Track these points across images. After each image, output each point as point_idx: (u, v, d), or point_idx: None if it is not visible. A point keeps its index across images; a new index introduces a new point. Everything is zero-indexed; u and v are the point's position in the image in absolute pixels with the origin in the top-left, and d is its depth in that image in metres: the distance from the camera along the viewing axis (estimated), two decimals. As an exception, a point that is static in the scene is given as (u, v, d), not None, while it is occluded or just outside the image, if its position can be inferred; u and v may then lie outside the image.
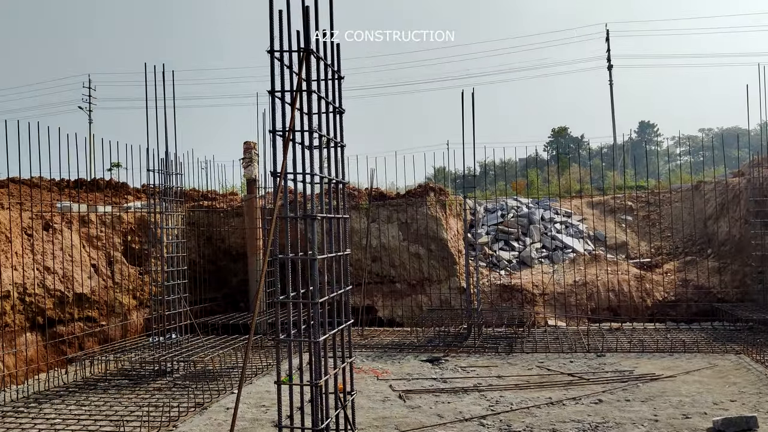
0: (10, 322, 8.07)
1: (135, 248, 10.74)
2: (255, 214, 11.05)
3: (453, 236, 12.02)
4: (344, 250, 3.30)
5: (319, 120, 3.09)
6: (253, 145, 10.99)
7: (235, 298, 12.30)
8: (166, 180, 8.76)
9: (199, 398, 6.93)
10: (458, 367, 8.26)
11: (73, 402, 7.05)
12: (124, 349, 8.85)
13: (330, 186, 3.12)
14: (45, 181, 11.47)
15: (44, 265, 8.80)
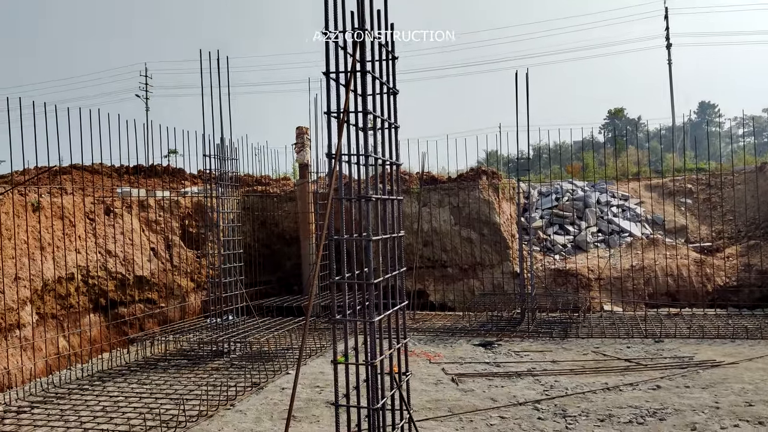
0: (75, 304, 8.37)
1: (192, 232, 10.98)
2: (307, 198, 11.15)
3: (506, 220, 11.89)
4: (398, 232, 3.29)
5: (374, 101, 3.08)
6: (305, 130, 11.07)
7: (288, 281, 12.48)
8: (221, 165, 8.92)
9: (255, 378, 7.07)
10: (511, 351, 8.20)
11: (134, 380, 7.29)
12: (183, 330, 9.09)
13: (384, 167, 3.11)
14: (105, 167, 11.82)
15: (106, 249, 9.09)
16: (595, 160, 18.89)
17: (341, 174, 2.80)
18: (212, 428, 5.54)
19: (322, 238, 2.58)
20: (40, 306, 7.83)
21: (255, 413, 5.93)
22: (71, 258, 8.36)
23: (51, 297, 8.00)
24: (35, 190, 8.06)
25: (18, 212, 7.60)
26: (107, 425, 5.67)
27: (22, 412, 6.22)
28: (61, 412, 6.16)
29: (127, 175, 12.14)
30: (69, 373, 7.65)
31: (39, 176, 8.10)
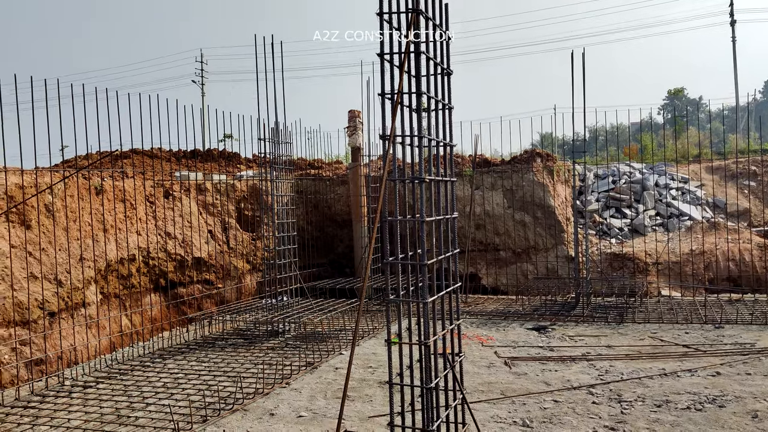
0: (136, 284, 8.66)
1: (247, 215, 11.19)
2: (359, 181, 11.21)
3: (560, 203, 11.71)
4: (451, 214, 3.29)
5: (428, 82, 3.07)
6: (358, 114, 11.11)
7: (341, 264, 12.61)
8: (276, 149, 9.04)
9: (310, 358, 7.19)
10: (565, 336, 8.11)
11: (193, 358, 7.52)
12: (239, 310, 9.31)
13: (438, 148, 3.11)
14: (163, 151, 12.13)
15: (165, 231, 9.36)
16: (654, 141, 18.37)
17: (395, 156, 2.81)
18: (268, 405, 5.67)
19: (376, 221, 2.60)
20: (104, 286, 8.13)
21: (309, 391, 6.05)
22: (132, 240, 8.64)
23: (114, 277, 8.29)
24: (98, 174, 8.34)
25: (82, 195, 7.89)
26: (168, 401, 5.87)
27: (89, 387, 6.50)
28: (124, 388, 6.41)
29: (184, 159, 12.44)
30: (131, 351, 7.94)
31: (102, 161, 8.38)
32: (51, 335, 7.11)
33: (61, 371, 6.97)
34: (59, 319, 7.31)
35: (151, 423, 5.29)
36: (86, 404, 5.91)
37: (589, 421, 5.09)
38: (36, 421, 5.49)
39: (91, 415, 5.58)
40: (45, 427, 5.32)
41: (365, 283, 2.66)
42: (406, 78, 2.87)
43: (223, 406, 5.59)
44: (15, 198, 7.03)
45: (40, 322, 7.01)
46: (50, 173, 7.63)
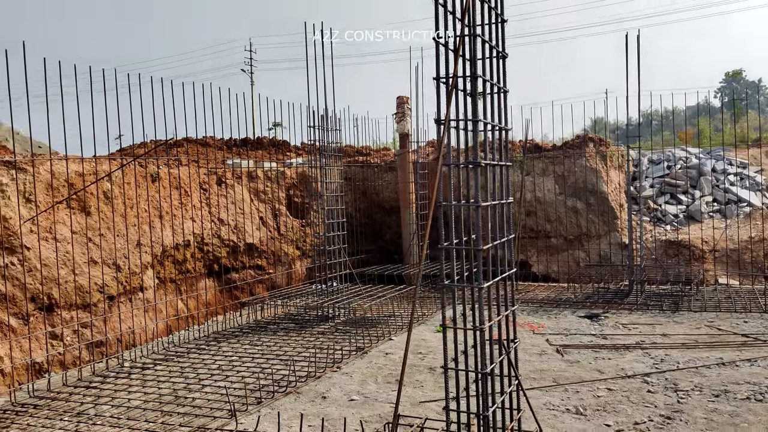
0: (191, 269, 8.86)
1: (297, 202, 11.31)
2: (407, 168, 11.19)
3: (613, 189, 11.47)
4: (506, 199, 3.26)
5: (483, 65, 3.04)
6: (406, 100, 11.07)
7: (389, 250, 12.65)
8: (325, 136, 9.10)
9: (360, 343, 7.26)
10: (619, 324, 7.97)
11: (246, 342, 7.67)
12: (290, 295, 9.44)
13: (494, 132, 3.08)
14: (215, 140, 12.34)
15: (218, 217, 9.54)
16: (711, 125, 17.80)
17: (449, 140, 2.80)
18: (320, 389, 5.75)
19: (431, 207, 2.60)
20: (160, 271, 8.34)
21: (360, 376, 6.11)
22: (187, 226, 8.84)
23: (169, 262, 8.50)
24: (154, 162, 8.55)
25: (139, 183, 8.10)
26: (223, 383, 6.01)
27: (147, 368, 6.70)
28: (181, 369, 6.58)
29: (235, 148, 12.63)
30: (187, 334, 8.14)
31: (157, 149, 8.58)
32: (110, 318, 7.35)
33: (120, 353, 7.20)
34: (118, 303, 7.54)
35: (207, 404, 5.42)
36: (145, 385, 6.09)
37: (644, 409, 5.01)
38: (98, 400, 5.69)
39: (150, 395, 5.75)
40: (106, 406, 5.51)
41: (420, 269, 2.66)
42: (460, 61, 2.84)
43: (276, 389, 5.70)
44: (75, 185, 7.26)
45: (100, 305, 7.25)
46: (108, 161, 7.85)
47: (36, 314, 6.58)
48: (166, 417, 5.16)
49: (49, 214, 6.84)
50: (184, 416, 5.16)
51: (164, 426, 4.94)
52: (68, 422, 5.14)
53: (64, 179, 7.16)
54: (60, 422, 5.15)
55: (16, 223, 6.49)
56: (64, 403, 5.65)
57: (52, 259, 6.77)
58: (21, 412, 5.47)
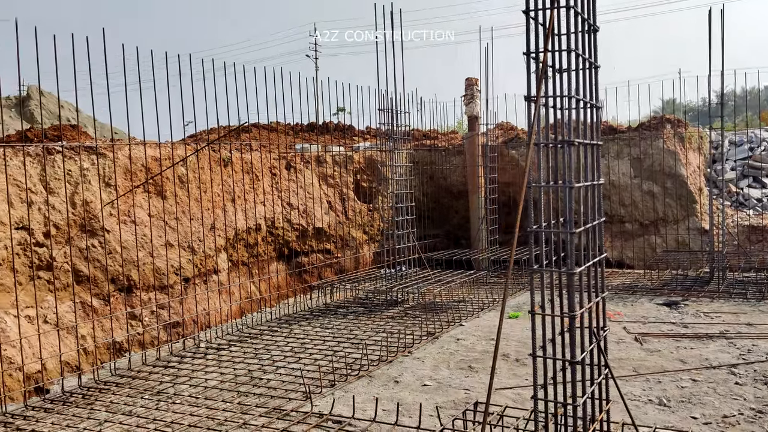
0: (261, 252, 8.98)
1: (364, 186, 11.31)
2: (476, 151, 11.01)
3: (692, 172, 10.99)
4: (597, 180, 3.11)
5: (569, 40, 2.89)
6: (475, 81, 10.87)
7: (456, 235, 12.52)
8: (393, 120, 9.02)
9: (430, 328, 7.19)
10: (700, 312, 7.64)
11: (317, 325, 7.72)
12: (358, 279, 9.46)
13: (585, 110, 2.93)
14: (282, 125, 12.45)
15: (288, 202, 9.62)
16: (797, 105, 16.83)
17: (539, 118, 2.68)
18: (392, 373, 5.72)
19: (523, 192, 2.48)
20: (232, 254, 8.48)
21: (432, 361, 6.05)
22: (258, 210, 8.95)
23: (241, 246, 8.63)
24: (225, 147, 8.66)
25: (211, 167, 8.22)
26: (296, 364, 6.05)
27: (222, 349, 6.83)
28: (254, 351, 6.68)
29: (302, 132, 12.71)
30: (259, 316, 8.26)
31: (230, 134, 8.69)
32: (186, 300, 7.52)
33: (196, 334, 7.36)
34: (193, 285, 7.70)
35: (282, 385, 5.47)
36: (221, 365, 6.20)
37: (732, 402, 4.77)
38: (176, 380, 5.82)
39: (226, 376, 5.85)
40: (185, 386, 5.64)
41: (512, 253, 2.56)
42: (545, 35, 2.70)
43: (349, 372, 5.70)
44: (152, 170, 7.43)
45: (176, 287, 7.42)
46: (184, 146, 8.00)
47: (116, 295, 6.78)
48: (243, 398, 5.23)
49: (127, 198, 7.02)
50: (260, 397, 5.22)
51: (241, 406, 5.00)
52: (149, 401, 5.27)
53: (141, 164, 7.33)
54: (141, 401, 5.29)
55: (97, 206, 6.69)
56: (144, 382, 5.80)
57: (130, 242, 6.96)
58: (104, 389, 5.65)
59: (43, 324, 6.01)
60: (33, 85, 34.62)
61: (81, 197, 6.56)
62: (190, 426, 4.64)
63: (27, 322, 5.88)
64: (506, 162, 11.81)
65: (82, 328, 6.35)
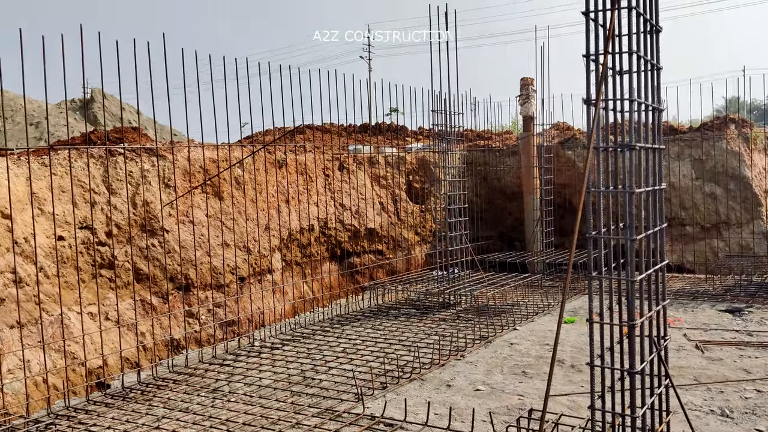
0: (314, 253, 9.06)
1: (417, 187, 11.29)
2: (531, 152, 10.86)
3: (757, 174, 10.58)
4: (659, 184, 3.02)
5: (629, 42, 2.81)
6: (530, 81, 10.72)
7: (510, 237, 12.37)
8: (446, 120, 8.97)
9: (483, 332, 7.12)
10: (765, 320, 7.35)
11: (369, 326, 7.74)
12: (410, 280, 9.44)
13: (647, 113, 2.85)
14: (336, 126, 12.53)
15: (340, 203, 9.68)
16: None
17: (598, 121, 2.61)
18: (444, 377, 5.69)
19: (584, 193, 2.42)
20: (286, 254, 8.58)
21: (485, 365, 5.98)
22: (311, 211, 9.04)
23: (294, 246, 8.73)
24: (280, 149, 8.78)
25: (267, 169, 8.34)
26: (348, 365, 6.08)
27: (275, 348, 6.91)
28: (307, 350, 6.74)
29: (355, 134, 12.77)
30: (312, 316, 8.34)
31: (285, 136, 8.80)
32: (241, 299, 7.64)
33: (250, 332, 7.47)
34: (248, 284, 7.83)
35: (334, 386, 5.50)
36: (274, 364, 6.28)
37: (801, 416, 4.57)
38: (231, 378, 5.93)
39: (279, 375, 5.92)
40: (239, 384, 5.73)
41: (571, 258, 2.51)
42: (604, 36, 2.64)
43: (401, 375, 5.69)
44: (209, 171, 7.58)
45: (232, 286, 7.56)
46: (240, 148, 8.14)
47: (174, 293, 6.95)
48: (295, 397, 5.28)
49: (186, 198, 7.18)
50: (312, 397, 5.26)
51: (294, 406, 5.05)
52: (204, 398, 5.38)
53: (200, 165, 7.49)
54: (197, 397, 5.40)
55: (157, 207, 6.87)
56: (200, 379, 5.93)
57: (188, 242, 7.12)
58: (162, 386, 5.80)
59: (105, 321, 6.21)
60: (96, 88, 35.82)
61: (141, 198, 6.74)
62: (245, 424, 4.71)
63: (89, 318, 6.08)
64: (562, 163, 11.62)
65: (141, 325, 6.53)
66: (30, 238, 5.69)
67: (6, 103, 18.28)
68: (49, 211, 5.92)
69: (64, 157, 6.25)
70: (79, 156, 6.38)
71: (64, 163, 6.22)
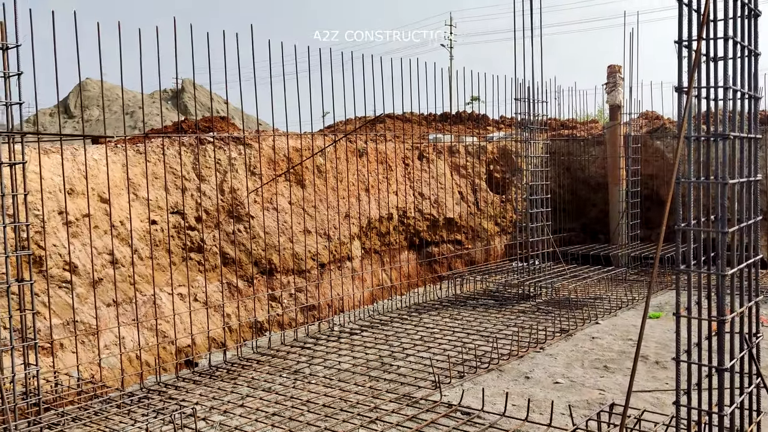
0: (393, 241, 9.14)
1: (497, 177, 11.17)
2: (618, 141, 10.53)
3: None
4: (754, 175, 2.89)
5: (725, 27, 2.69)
6: (618, 69, 10.38)
7: (593, 229, 12.06)
8: (529, 109, 8.83)
9: (564, 325, 7.00)
10: None
11: (446, 315, 7.75)
12: (489, 271, 9.37)
13: (742, 101, 2.72)
14: (415, 115, 12.54)
15: (419, 192, 9.71)
16: None
17: (689, 110, 2.52)
18: (523, 368, 5.64)
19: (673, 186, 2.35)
20: (365, 242, 8.70)
21: (565, 359, 5.89)
22: (390, 199, 9.11)
23: (373, 234, 8.83)
24: (361, 138, 8.88)
25: (347, 157, 8.47)
26: (426, 353, 6.12)
27: (354, 334, 7.04)
28: (385, 337, 6.83)
29: (435, 122, 12.75)
30: (390, 303, 8.43)
31: (366, 125, 8.89)
32: (321, 284, 7.81)
33: (330, 317, 7.63)
34: (328, 270, 7.99)
35: (411, 373, 5.56)
36: (353, 349, 6.40)
37: None
38: (312, 360, 6.08)
39: (358, 360, 6.03)
40: (319, 367, 5.88)
41: (659, 249, 2.44)
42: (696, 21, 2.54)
43: (478, 365, 5.68)
44: (292, 160, 7.77)
45: (312, 272, 7.73)
46: (323, 137, 8.29)
47: (258, 277, 7.18)
48: (373, 382, 5.37)
49: (270, 186, 7.39)
50: (390, 383, 5.33)
51: (372, 391, 5.14)
52: (286, 379, 5.55)
53: (284, 154, 7.69)
54: (279, 378, 5.57)
55: (243, 193, 7.10)
56: (282, 361, 6.11)
57: (272, 228, 7.33)
58: (246, 365, 6.02)
59: (194, 302, 6.49)
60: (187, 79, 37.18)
61: (229, 185, 6.99)
62: (324, 406, 4.83)
63: (179, 299, 6.37)
64: (650, 153, 11.21)
65: (227, 307, 6.79)
66: (126, 221, 6.01)
67: (101, 92, 19.25)
68: (144, 196, 6.23)
69: (158, 145, 6.56)
70: (171, 144, 6.67)
71: (158, 150, 6.52)
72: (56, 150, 5.69)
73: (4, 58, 4.08)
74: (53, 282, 5.36)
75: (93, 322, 5.50)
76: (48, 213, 5.38)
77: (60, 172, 5.40)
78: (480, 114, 14.55)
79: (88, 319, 5.51)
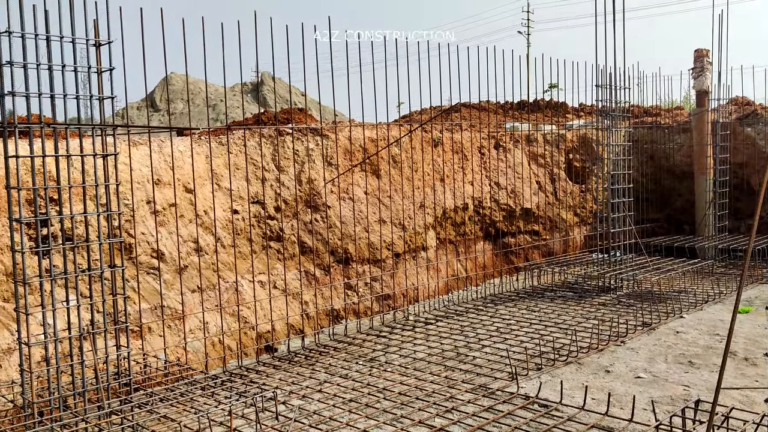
0: (468, 232, 9.07)
1: (576, 166, 10.90)
2: (705, 129, 10.07)
3: None
4: None
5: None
6: (706, 53, 9.91)
7: (678, 220, 11.61)
8: (611, 95, 8.55)
9: (646, 318, 6.79)
10: None
11: (523, 307, 7.65)
12: (568, 262, 9.18)
13: None
14: (491, 104, 12.37)
15: (495, 181, 9.59)
16: None
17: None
18: (603, 362, 5.51)
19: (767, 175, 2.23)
20: (440, 232, 8.68)
21: (647, 353, 5.71)
22: (466, 189, 9.04)
23: (448, 224, 8.80)
24: (436, 127, 8.84)
25: (423, 147, 8.45)
26: (502, 344, 6.07)
27: (429, 324, 7.05)
28: (460, 328, 6.80)
29: (511, 111, 12.53)
30: (465, 294, 8.39)
31: (441, 115, 8.86)
32: (396, 274, 7.86)
33: (405, 307, 7.67)
34: (403, 260, 8.02)
35: (487, 364, 5.52)
36: (428, 339, 6.41)
37: None
38: (387, 349, 6.14)
39: (433, 349, 6.04)
40: (395, 355, 5.92)
41: (751, 240, 2.33)
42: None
43: (556, 357, 5.58)
44: (368, 150, 7.82)
45: (387, 261, 7.78)
46: (398, 128, 8.31)
47: (335, 266, 7.29)
48: (449, 372, 5.36)
49: (346, 176, 7.48)
50: (466, 373, 5.31)
51: (448, 380, 5.14)
52: (362, 366, 5.62)
53: (359, 145, 7.75)
54: (355, 365, 5.65)
55: (320, 183, 7.21)
56: (358, 348, 6.19)
57: (348, 217, 7.42)
58: (323, 352, 6.13)
59: (273, 289, 6.66)
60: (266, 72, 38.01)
61: (306, 175, 7.12)
62: (400, 394, 4.87)
63: (259, 287, 6.55)
64: (740, 141, 10.68)
65: (305, 294, 6.93)
66: (209, 211, 6.22)
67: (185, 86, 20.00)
68: (226, 186, 6.43)
69: (239, 137, 6.74)
70: (252, 135, 6.85)
71: (239, 142, 6.70)
72: (144, 142, 5.94)
73: (97, 54, 4.28)
74: (142, 268, 5.62)
75: (179, 307, 5.73)
76: (137, 202, 5.64)
77: (148, 163, 5.64)
78: (558, 102, 14.20)
79: (175, 305, 5.74)
